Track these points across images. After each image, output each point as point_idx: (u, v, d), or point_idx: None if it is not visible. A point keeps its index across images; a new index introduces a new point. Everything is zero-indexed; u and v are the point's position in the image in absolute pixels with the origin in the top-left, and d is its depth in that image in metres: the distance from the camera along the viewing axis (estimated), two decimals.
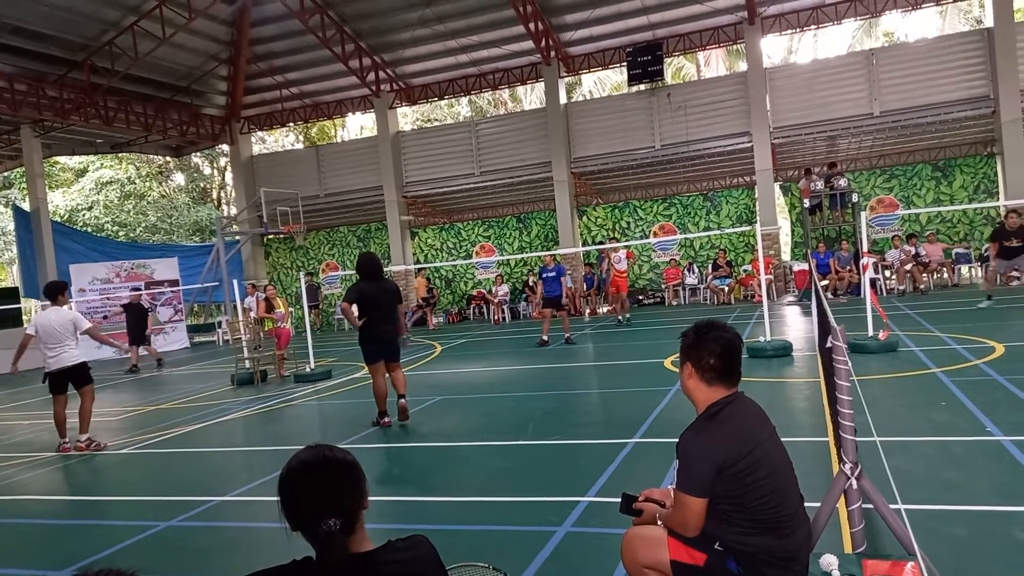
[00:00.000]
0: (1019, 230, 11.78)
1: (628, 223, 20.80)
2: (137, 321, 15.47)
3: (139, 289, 17.65)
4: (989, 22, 17.35)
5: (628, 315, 15.32)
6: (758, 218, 18.60)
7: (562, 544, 3.87)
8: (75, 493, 6.21)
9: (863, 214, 10.25)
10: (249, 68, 21.76)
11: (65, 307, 7.76)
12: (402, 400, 7.39)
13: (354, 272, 7.66)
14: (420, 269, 20.77)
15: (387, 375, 7.41)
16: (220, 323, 21.60)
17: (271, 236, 23.67)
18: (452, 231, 22.71)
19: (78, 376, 7.72)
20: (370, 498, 1.79)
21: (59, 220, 26.02)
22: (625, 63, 19.33)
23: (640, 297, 19.66)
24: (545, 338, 12.79)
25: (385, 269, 21.88)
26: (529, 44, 19.35)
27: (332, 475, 1.69)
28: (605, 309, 16.29)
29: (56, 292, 7.72)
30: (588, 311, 18.29)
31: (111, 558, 4.36)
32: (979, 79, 17.19)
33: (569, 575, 3.54)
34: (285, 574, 1.66)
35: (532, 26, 18.31)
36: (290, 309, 16.21)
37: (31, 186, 20.33)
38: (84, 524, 5.24)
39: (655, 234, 20.46)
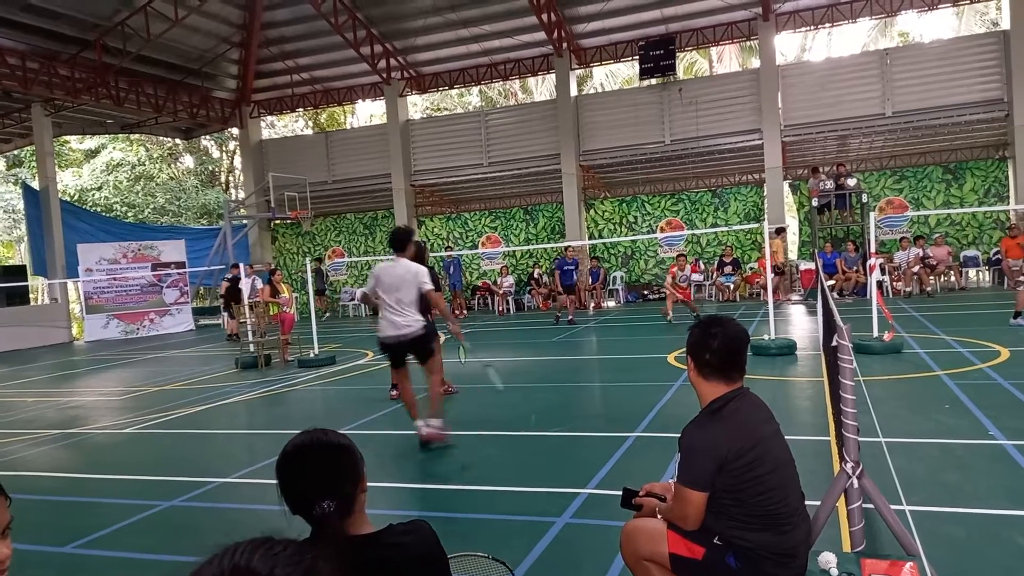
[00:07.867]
0: None
1: (635, 217, 20.75)
2: (238, 294, 16.23)
3: (237, 265, 17.82)
4: (1006, 24, 17.18)
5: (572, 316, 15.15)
6: (766, 216, 18.53)
7: (561, 535, 3.89)
8: (79, 471, 6.25)
9: (872, 215, 10.18)
10: (261, 52, 21.74)
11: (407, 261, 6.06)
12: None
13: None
14: (780, 230, 16.97)
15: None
16: None
17: (278, 221, 23.69)
18: (459, 221, 22.70)
19: (419, 348, 6.09)
20: (371, 484, 1.79)
21: (68, 199, 26.07)
22: (637, 57, 19.25)
23: (645, 292, 19.67)
24: (571, 317, 14.76)
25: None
26: (541, 35, 19.26)
27: (327, 458, 1.70)
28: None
29: (405, 241, 6.11)
30: (593, 304, 18.28)
31: (114, 536, 4.40)
32: (993, 82, 17.05)
33: (567, 565, 3.55)
34: None
35: (544, 17, 18.23)
36: (295, 294, 16.27)
37: (41, 165, 20.40)
38: (87, 501, 5.28)
39: (662, 229, 20.40)
